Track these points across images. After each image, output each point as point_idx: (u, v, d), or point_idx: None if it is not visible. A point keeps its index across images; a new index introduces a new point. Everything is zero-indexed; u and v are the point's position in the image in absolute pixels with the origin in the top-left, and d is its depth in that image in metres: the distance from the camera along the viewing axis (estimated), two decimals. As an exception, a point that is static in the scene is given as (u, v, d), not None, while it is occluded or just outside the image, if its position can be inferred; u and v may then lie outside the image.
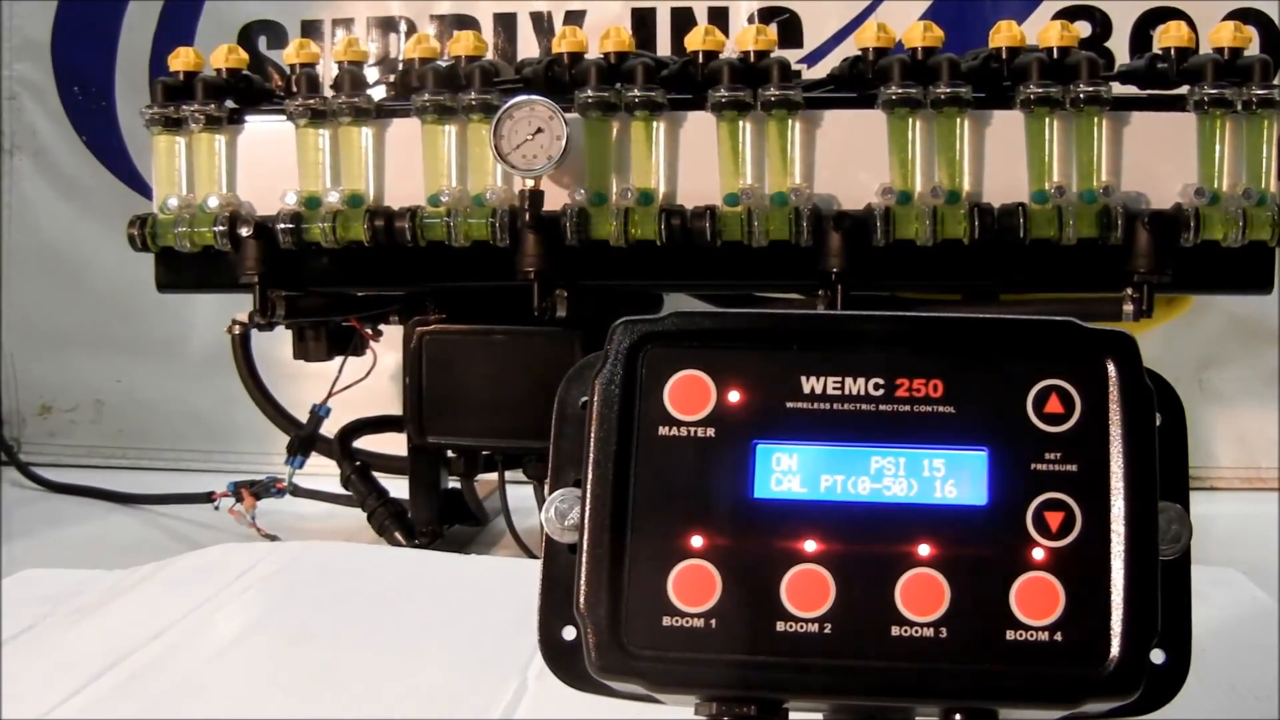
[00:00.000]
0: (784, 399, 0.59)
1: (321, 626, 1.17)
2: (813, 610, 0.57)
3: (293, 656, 1.11)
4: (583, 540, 0.59)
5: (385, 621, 1.19)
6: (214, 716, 1.00)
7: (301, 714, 1.00)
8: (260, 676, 1.08)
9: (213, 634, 1.16)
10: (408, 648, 1.12)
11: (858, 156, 1.41)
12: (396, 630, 1.17)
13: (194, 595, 1.24)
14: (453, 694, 1.03)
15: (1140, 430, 0.58)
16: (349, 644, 1.13)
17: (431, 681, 1.05)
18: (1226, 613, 1.20)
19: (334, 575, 1.34)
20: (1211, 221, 1.39)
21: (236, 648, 1.13)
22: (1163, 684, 0.61)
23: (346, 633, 1.16)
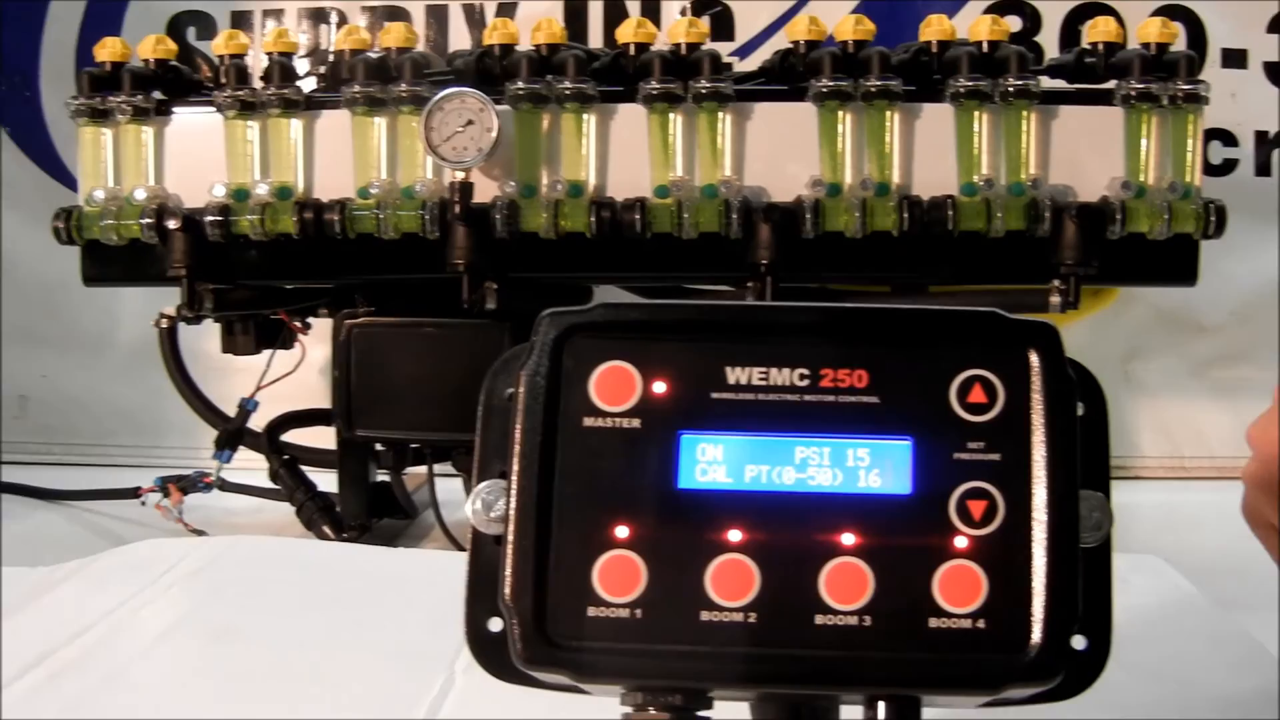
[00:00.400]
0: (709, 390, 0.59)
1: (249, 621, 1.17)
2: (737, 600, 0.57)
3: (220, 652, 1.10)
4: (508, 532, 0.59)
5: (313, 616, 1.19)
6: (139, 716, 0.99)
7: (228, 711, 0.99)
8: (186, 673, 1.07)
9: (138, 631, 1.15)
10: (336, 642, 1.12)
11: (788, 149, 1.42)
12: (324, 624, 1.16)
13: (119, 592, 1.22)
14: (380, 688, 1.03)
15: (1062, 420, 0.59)
16: (277, 639, 1.13)
17: (359, 676, 1.05)
18: (1149, 599, 1.21)
19: (262, 569, 1.33)
20: (1137, 214, 1.40)
21: (162, 644, 1.12)
22: (1083, 669, 0.62)
23: (274, 627, 1.15)
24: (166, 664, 1.08)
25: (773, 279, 1.40)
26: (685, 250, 1.42)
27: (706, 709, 0.60)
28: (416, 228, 1.42)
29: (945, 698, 0.61)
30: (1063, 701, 0.62)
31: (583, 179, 1.42)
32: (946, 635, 0.57)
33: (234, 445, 1.70)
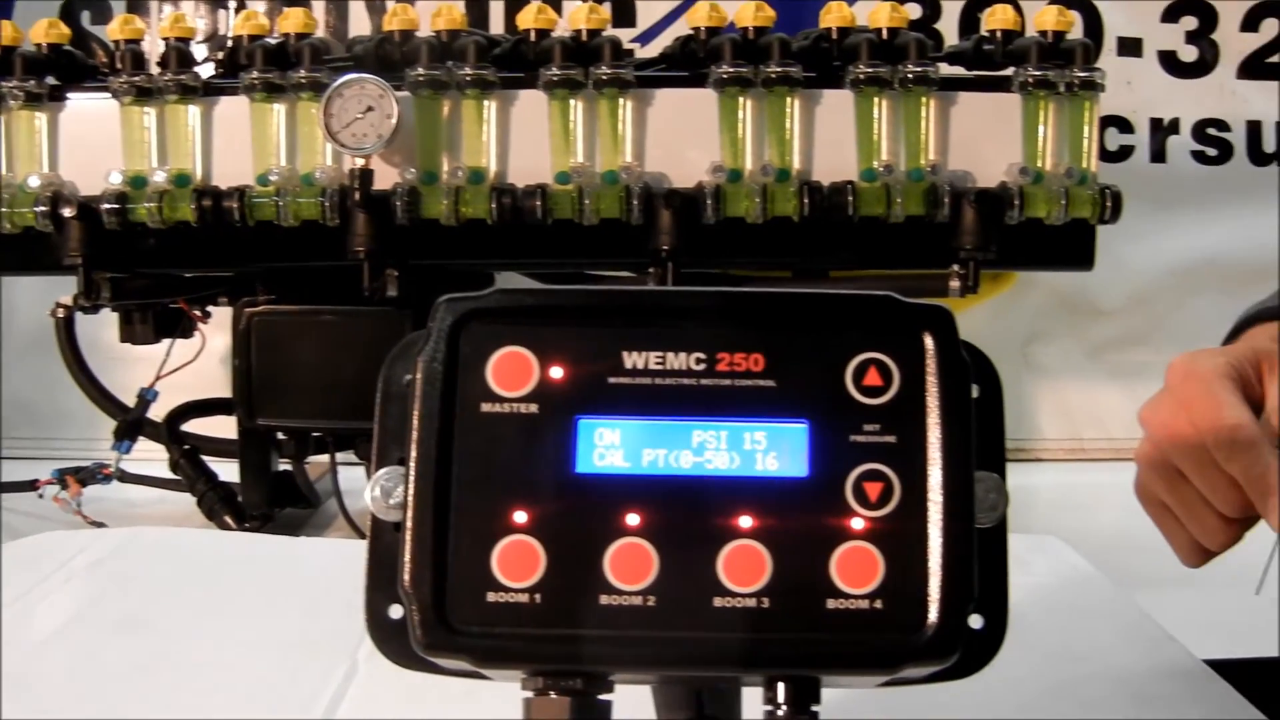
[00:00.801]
0: (606, 375, 0.59)
1: (150, 613, 1.15)
2: (636, 583, 0.57)
3: (120, 645, 1.09)
4: (406, 518, 0.59)
5: (215, 606, 1.18)
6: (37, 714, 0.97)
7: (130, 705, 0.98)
8: (86, 668, 1.06)
9: (35, 625, 1.13)
10: (238, 632, 1.11)
11: (689, 135, 1.42)
12: (227, 615, 1.15)
13: (16, 586, 1.21)
14: (283, 677, 1.02)
15: (957, 402, 0.60)
16: (178, 630, 1.12)
17: (262, 666, 1.04)
18: (1047, 579, 1.23)
19: (163, 560, 1.32)
20: (1035, 200, 1.42)
21: (61, 639, 1.11)
22: (980, 648, 0.62)
23: (176, 619, 1.14)
24: (65, 659, 1.07)
25: (674, 265, 1.40)
26: (587, 236, 1.42)
27: (607, 692, 0.61)
28: (316, 215, 1.41)
29: (844, 677, 0.62)
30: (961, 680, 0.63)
31: (484, 165, 1.41)
32: (844, 616, 0.58)
33: (133, 436, 1.68)
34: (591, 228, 1.41)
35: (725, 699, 0.69)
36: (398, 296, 1.42)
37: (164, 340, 1.64)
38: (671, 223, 1.39)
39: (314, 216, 1.41)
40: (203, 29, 2.03)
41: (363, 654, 1.03)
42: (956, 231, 1.41)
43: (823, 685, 0.61)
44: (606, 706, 0.61)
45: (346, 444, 1.60)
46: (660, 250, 1.40)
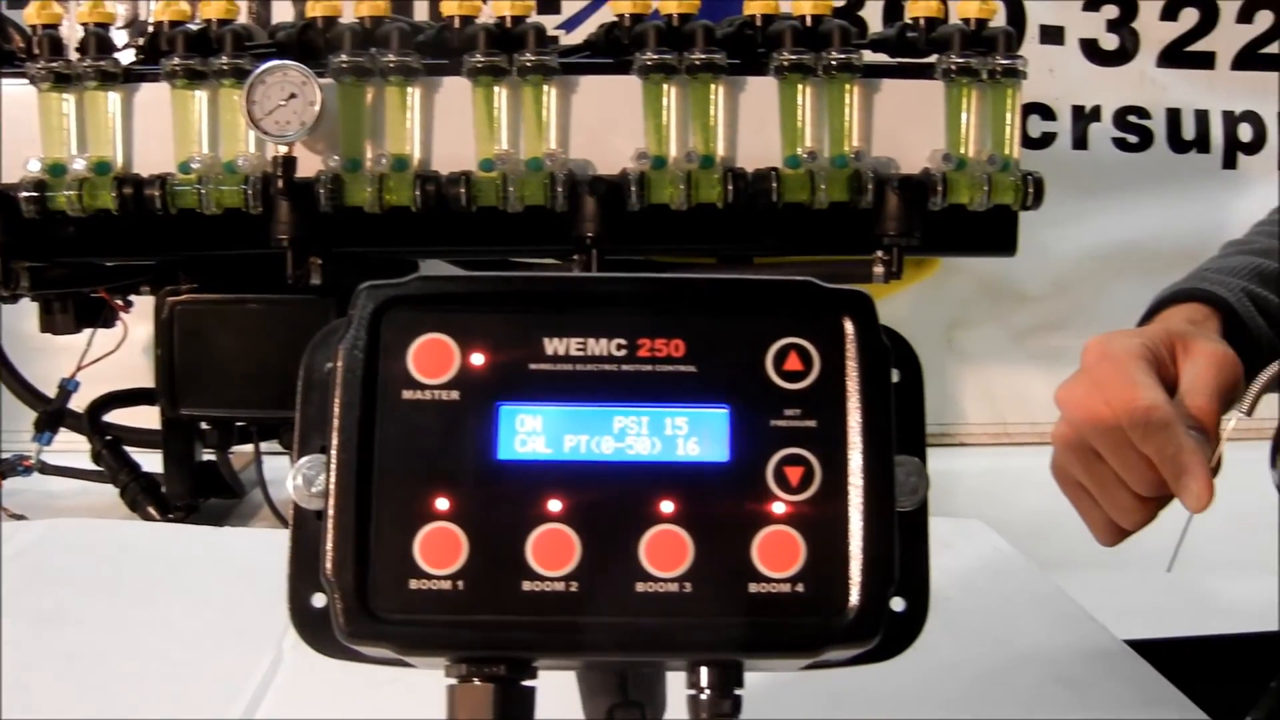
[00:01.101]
0: (527, 361, 0.59)
1: (73, 606, 1.14)
2: (558, 569, 0.57)
3: (44, 637, 1.08)
4: (328, 506, 0.58)
5: (139, 598, 1.17)
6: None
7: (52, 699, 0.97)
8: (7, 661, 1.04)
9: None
10: (163, 624, 1.10)
11: (613, 122, 1.42)
12: (151, 606, 1.15)
13: (-65, 578, 1.19)
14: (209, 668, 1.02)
15: (877, 386, 0.60)
16: (103, 622, 1.11)
17: (187, 657, 1.04)
18: (970, 562, 1.24)
19: (85, 552, 1.30)
20: (958, 186, 1.43)
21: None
22: (902, 630, 0.63)
23: (100, 611, 1.13)
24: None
25: (598, 251, 1.40)
26: (511, 223, 1.42)
27: (531, 679, 0.61)
28: (239, 203, 1.40)
29: (767, 661, 0.62)
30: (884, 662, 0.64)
31: (407, 153, 1.41)
32: (766, 600, 0.58)
33: (54, 427, 1.66)
34: (516, 215, 1.41)
35: (649, 684, 0.69)
36: (322, 284, 1.42)
37: (85, 330, 1.62)
38: (596, 210, 1.39)
39: (237, 204, 1.40)
40: (123, 14, 2.00)
41: (288, 643, 1.03)
42: (880, 218, 1.42)
43: (746, 669, 0.61)
44: (530, 693, 0.61)
45: (271, 433, 1.59)
46: (584, 237, 1.40)
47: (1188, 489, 0.84)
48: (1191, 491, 0.84)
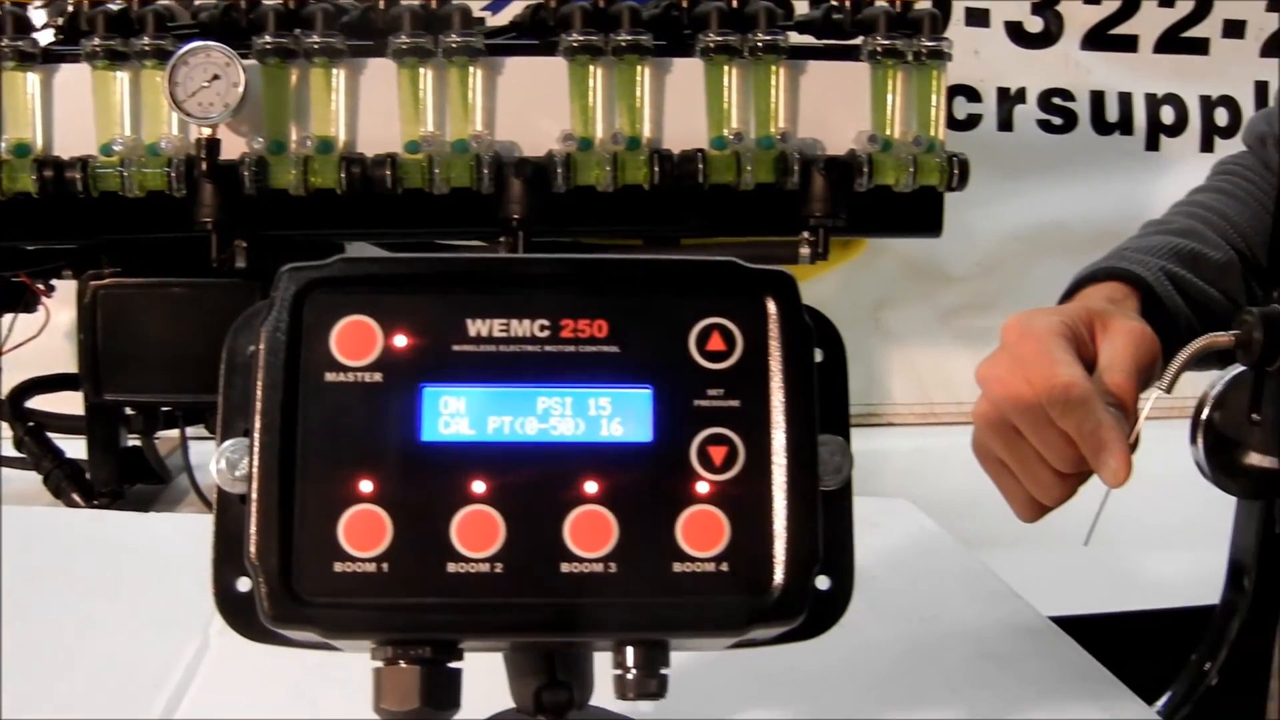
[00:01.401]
0: (450, 342, 0.59)
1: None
2: (483, 550, 0.57)
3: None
4: (251, 490, 0.58)
5: (64, 585, 1.16)
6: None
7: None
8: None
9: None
10: (88, 611, 1.09)
11: (539, 103, 1.41)
12: (77, 593, 1.13)
13: None
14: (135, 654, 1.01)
15: (799, 366, 0.60)
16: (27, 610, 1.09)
17: (112, 644, 1.03)
18: (897, 541, 1.25)
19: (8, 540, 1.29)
20: (884, 167, 1.44)
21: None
22: (827, 609, 0.63)
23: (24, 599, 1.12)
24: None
25: (525, 233, 1.40)
26: (437, 206, 1.41)
27: (457, 660, 0.61)
28: (162, 185, 1.38)
29: (692, 640, 0.63)
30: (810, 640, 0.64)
31: (332, 135, 1.40)
32: (691, 579, 0.58)
33: (-25, 413, 1.65)
34: (442, 197, 1.40)
35: (577, 664, 0.69)
36: (247, 268, 1.41)
37: (5, 315, 1.60)
38: (522, 191, 1.39)
39: (160, 187, 1.39)
40: (42, -5, 1.99)
41: (215, 629, 1.02)
42: (806, 199, 1.42)
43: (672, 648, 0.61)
44: (456, 674, 0.61)
45: (197, 418, 1.57)
46: (511, 219, 1.39)
47: (1106, 465, 0.85)
48: (1110, 467, 0.85)
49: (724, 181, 1.42)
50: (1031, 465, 0.90)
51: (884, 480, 1.64)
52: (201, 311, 1.47)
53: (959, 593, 1.13)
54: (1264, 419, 0.96)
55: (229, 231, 1.39)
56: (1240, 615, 1.09)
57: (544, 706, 0.69)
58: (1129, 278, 1.04)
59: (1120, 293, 1.03)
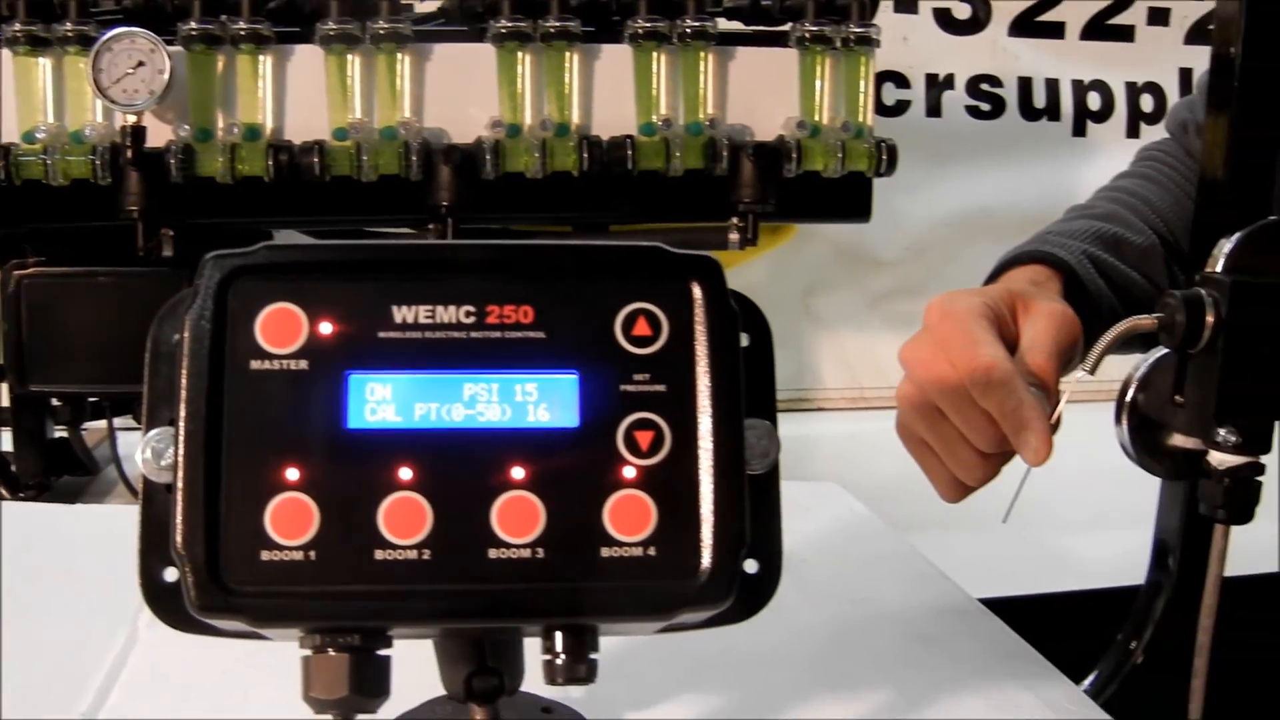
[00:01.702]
0: (376, 329, 0.59)
1: (-81, 588, 1.12)
2: (411, 537, 0.57)
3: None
4: (177, 479, 0.58)
5: (-11, 578, 1.15)
6: None
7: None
8: None
9: None
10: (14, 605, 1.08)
11: (468, 90, 1.41)
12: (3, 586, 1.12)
13: None
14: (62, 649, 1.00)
15: (725, 350, 0.60)
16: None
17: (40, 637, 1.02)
18: (826, 524, 1.26)
19: (-68, 533, 1.28)
20: (812, 153, 1.44)
21: None
22: (756, 592, 0.64)
23: (-54, 593, 1.11)
24: None
25: (454, 220, 1.39)
26: (366, 193, 1.41)
27: (386, 648, 0.61)
28: (87, 174, 1.37)
29: (621, 624, 0.63)
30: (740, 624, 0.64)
31: (259, 122, 1.39)
32: (618, 564, 0.59)
33: (-103, 406, 1.63)
34: (370, 184, 1.40)
35: (506, 650, 0.69)
36: (174, 256, 1.40)
37: (-73, 306, 1.58)
38: (451, 178, 1.38)
39: (85, 175, 1.37)
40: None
41: (143, 621, 1.01)
42: (735, 185, 1.43)
43: (601, 633, 0.61)
44: (385, 662, 0.61)
45: (124, 408, 1.56)
46: (440, 206, 1.39)
47: (1027, 443, 0.86)
48: (1031, 446, 0.86)
49: (653, 168, 1.42)
50: (954, 445, 0.91)
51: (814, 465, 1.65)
52: (128, 301, 1.46)
53: (888, 575, 1.14)
54: (1187, 401, 0.97)
55: (155, 220, 1.38)
56: (1165, 595, 1.10)
57: (474, 693, 0.69)
58: (1052, 261, 1.05)
59: (1043, 275, 1.04)
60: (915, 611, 1.06)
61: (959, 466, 0.92)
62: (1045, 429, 0.86)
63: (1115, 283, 1.08)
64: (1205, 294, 0.94)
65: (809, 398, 2.18)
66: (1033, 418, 0.86)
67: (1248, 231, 0.97)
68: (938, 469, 0.94)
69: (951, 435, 0.91)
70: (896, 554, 1.20)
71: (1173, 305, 0.94)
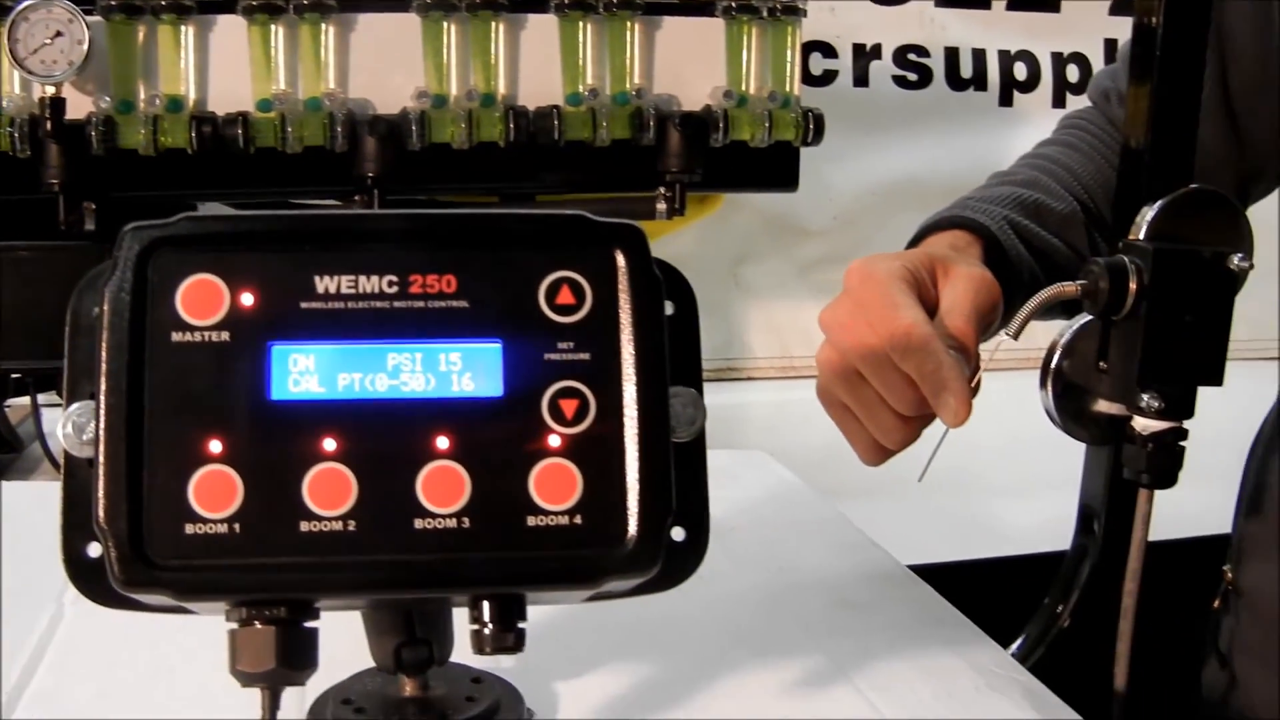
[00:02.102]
0: (298, 300, 0.59)
1: None
2: (336, 509, 0.57)
3: None
4: (99, 453, 0.57)
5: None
6: None
7: None
8: None
9: None
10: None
11: (393, 60, 1.40)
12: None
13: None
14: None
15: (649, 318, 0.61)
16: None
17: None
18: (755, 492, 1.26)
19: None
20: (740, 123, 1.44)
21: None
22: (683, 560, 0.64)
23: None
24: None
25: (380, 192, 1.38)
26: (291, 165, 1.39)
27: (313, 620, 0.60)
28: (5, 146, 1.35)
29: (548, 593, 0.63)
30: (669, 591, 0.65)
31: (182, 93, 1.37)
32: (544, 533, 0.59)
33: None
34: (295, 156, 1.38)
35: (435, 621, 0.69)
36: (96, 230, 1.38)
37: None
38: (376, 149, 1.37)
39: (3, 148, 1.35)
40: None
41: (69, 597, 1.00)
42: (662, 155, 1.42)
43: (529, 602, 0.62)
44: (313, 634, 0.60)
45: (48, 384, 1.54)
46: (365, 177, 1.38)
47: (946, 405, 0.87)
48: (950, 407, 0.86)
49: (580, 138, 1.41)
50: (874, 409, 0.91)
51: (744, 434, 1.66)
52: (50, 275, 1.44)
53: (817, 542, 1.15)
54: (1111, 367, 0.98)
55: (77, 193, 1.36)
56: (1090, 559, 1.11)
57: (404, 664, 0.69)
58: (972, 226, 1.06)
59: (963, 240, 1.05)
60: (844, 578, 1.07)
61: (879, 430, 0.92)
62: (964, 391, 0.87)
63: (1035, 248, 1.09)
64: (1128, 261, 0.95)
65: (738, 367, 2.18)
66: (952, 379, 0.86)
67: (1169, 199, 0.98)
68: (858, 432, 0.94)
69: (871, 399, 0.91)
70: (825, 521, 1.20)
71: (1096, 272, 0.95)
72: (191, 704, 0.81)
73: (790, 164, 1.52)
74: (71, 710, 0.83)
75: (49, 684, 0.88)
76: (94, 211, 1.38)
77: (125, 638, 0.91)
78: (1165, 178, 1.01)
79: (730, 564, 1.05)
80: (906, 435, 0.92)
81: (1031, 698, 0.86)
